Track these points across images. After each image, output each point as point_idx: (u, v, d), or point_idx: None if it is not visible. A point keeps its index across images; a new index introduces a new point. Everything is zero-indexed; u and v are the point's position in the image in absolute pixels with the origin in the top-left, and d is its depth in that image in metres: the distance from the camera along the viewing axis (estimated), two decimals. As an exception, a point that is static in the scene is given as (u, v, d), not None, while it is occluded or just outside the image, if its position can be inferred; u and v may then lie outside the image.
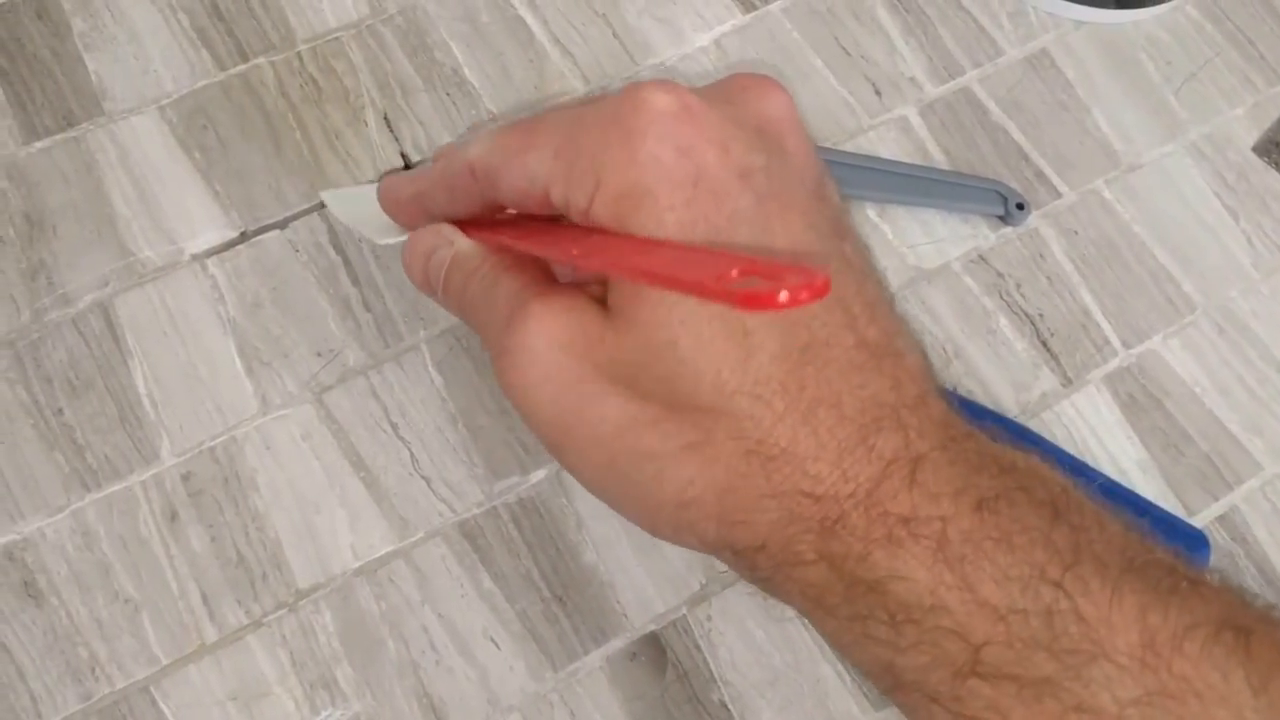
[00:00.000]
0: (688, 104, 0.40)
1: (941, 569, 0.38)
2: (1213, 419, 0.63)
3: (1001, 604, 0.37)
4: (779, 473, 0.39)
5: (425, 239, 0.49)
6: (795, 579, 0.41)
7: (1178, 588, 0.38)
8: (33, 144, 0.64)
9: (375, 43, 0.68)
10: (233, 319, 0.60)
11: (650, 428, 0.40)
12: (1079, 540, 0.38)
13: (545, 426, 0.44)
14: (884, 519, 0.38)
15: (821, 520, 0.39)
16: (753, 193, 0.40)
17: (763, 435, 0.39)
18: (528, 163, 0.42)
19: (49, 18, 0.67)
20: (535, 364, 0.42)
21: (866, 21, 0.72)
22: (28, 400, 0.58)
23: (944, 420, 0.41)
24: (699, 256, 0.38)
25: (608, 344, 0.41)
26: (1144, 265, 0.67)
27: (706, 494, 0.40)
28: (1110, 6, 0.72)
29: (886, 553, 0.38)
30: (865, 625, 0.39)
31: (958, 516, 0.38)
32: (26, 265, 0.61)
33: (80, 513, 0.56)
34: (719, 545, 0.42)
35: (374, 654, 0.55)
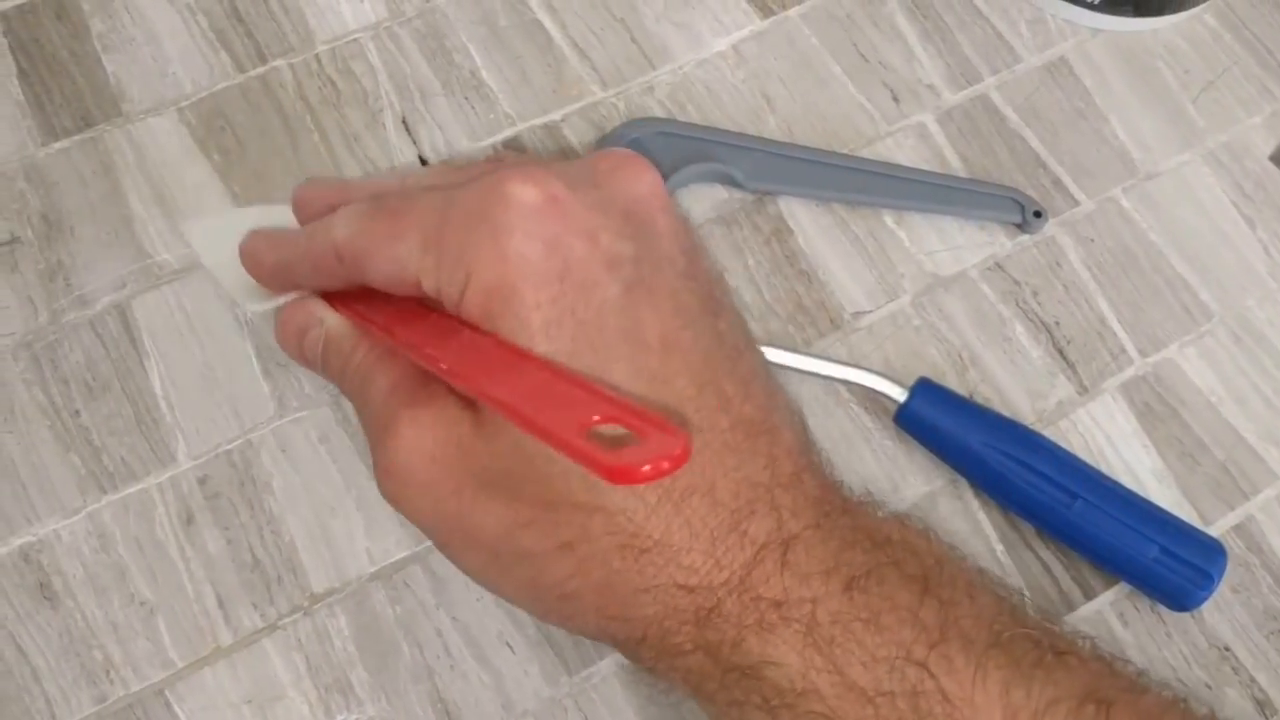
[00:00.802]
0: (554, 195, 0.40)
1: (812, 653, 0.38)
2: (1229, 428, 0.63)
3: (870, 686, 0.38)
4: (653, 565, 0.39)
5: (296, 315, 0.49)
6: (676, 668, 0.41)
7: (1043, 661, 0.39)
8: (51, 145, 0.64)
9: (394, 45, 0.68)
10: (250, 321, 0.60)
11: (525, 528, 0.41)
12: (947, 616, 0.39)
13: (428, 530, 0.45)
14: (756, 604, 0.39)
15: (696, 611, 0.39)
16: (621, 282, 0.40)
17: (635, 529, 0.39)
18: (396, 252, 0.42)
19: (68, 19, 0.67)
20: (409, 480, 0.43)
21: (885, 28, 0.72)
22: (45, 402, 0.58)
23: (819, 497, 0.41)
24: (561, 391, 0.38)
25: (479, 453, 0.41)
26: (1161, 274, 0.67)
27: (584, 590, 0.41)
28: (1128, 14, 0.72)
29: (759, 638, 0.39)
30: (742, 711, 0.40)
31: (827, 597, 0.39)
32: (44, 266, 0.61)
33: (96, 515, 0.56)
34: (601, 636, 0.43)
35: (389, 658, 0.55)
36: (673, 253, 0.43)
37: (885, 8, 0.72)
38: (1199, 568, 0.55)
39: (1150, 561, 0.55)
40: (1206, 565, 0.56)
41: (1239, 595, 0.59)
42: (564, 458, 0.37)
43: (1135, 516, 0.56)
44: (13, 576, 0.55)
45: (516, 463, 0.40)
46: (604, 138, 0.66)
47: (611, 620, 0.41)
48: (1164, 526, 0.56)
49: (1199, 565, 0.55)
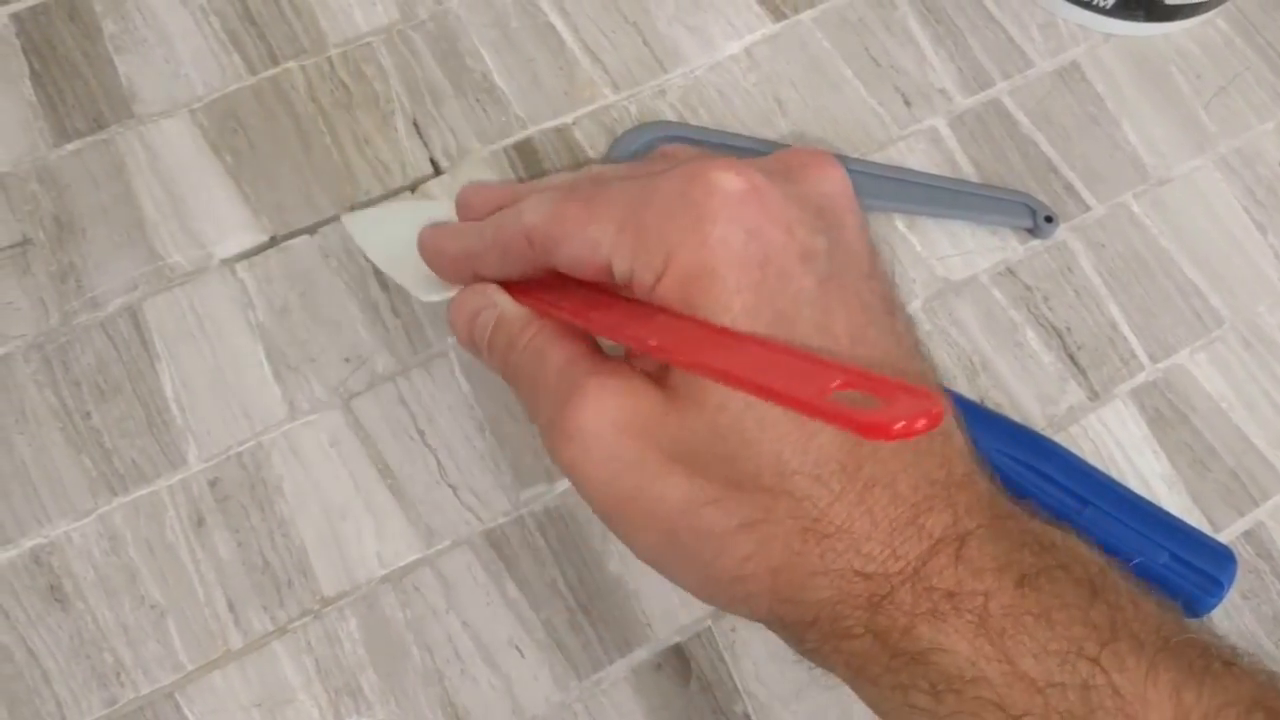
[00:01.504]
0: (755, 185, 0.41)
1: (983, 642, 0.38)
2: (1239, 434, 0.63)
3: (1040, 677, 0.38)
4: (832, 551, 0.40)
5: (471, 300, 0.49)
6: (842, 650, 0.41)
7: (1210, 668, 0.38)
8: (63, 146, 0.64)
9: (406, 48, 0.68)
10: (261, 324, 0.60)
11: (711, 506, 0.41)
12: (1116, 618, 0.39)
13: (602, 504, 0.44)
14: (929, 594, 0.39)
15: (870, 597, 0.40)
16: (814, 275, 0.41)
17: (819, 514, 0.40)
18: (589, 233, 0.43)
19: (80, 20, 0.67)
20: (593, 447, 0.42)
21: (897, 32, 0.72)
22: (56, 404, 0.58)
23: (989, 499, 0.42)
24: (790, 361, 0.38)
25: (669, 425, 0.41)
26: (1172, 279, 0.67)
27: (761, 571, 0.41)
28: (1141, 19, 0.72)
29: (931, 626, 0.39)
30: (906, 694, 0.40)
31: (1000, 592, 0.39)
32: (56, 268, 0.61)
33: (107, 517, 0.56)
34: (770, 619, 0.43)
35: (399, 662, 0.55)
36: (859, 251, 0.44)
37: (897, 12, 0.72)
38: (1209, 574, 0.56)
39: (1160, 568, 0.56)
40: (1216, 572, 0.56)
41: (1249, 601, 0.59)
42: (757, 440, 0.38)
43: (1145, 523, 0.56)
44: (23, 579, 0.55)
45: (707, 440, 0.40)
46: (615, 141, 0.66)
47: (784, 603, 0.41)
48: (1174, 533, 0.56)
49: (1209, 572, 0.56)
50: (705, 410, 0.40)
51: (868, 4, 0.72)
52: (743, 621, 0.56)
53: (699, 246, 0.40)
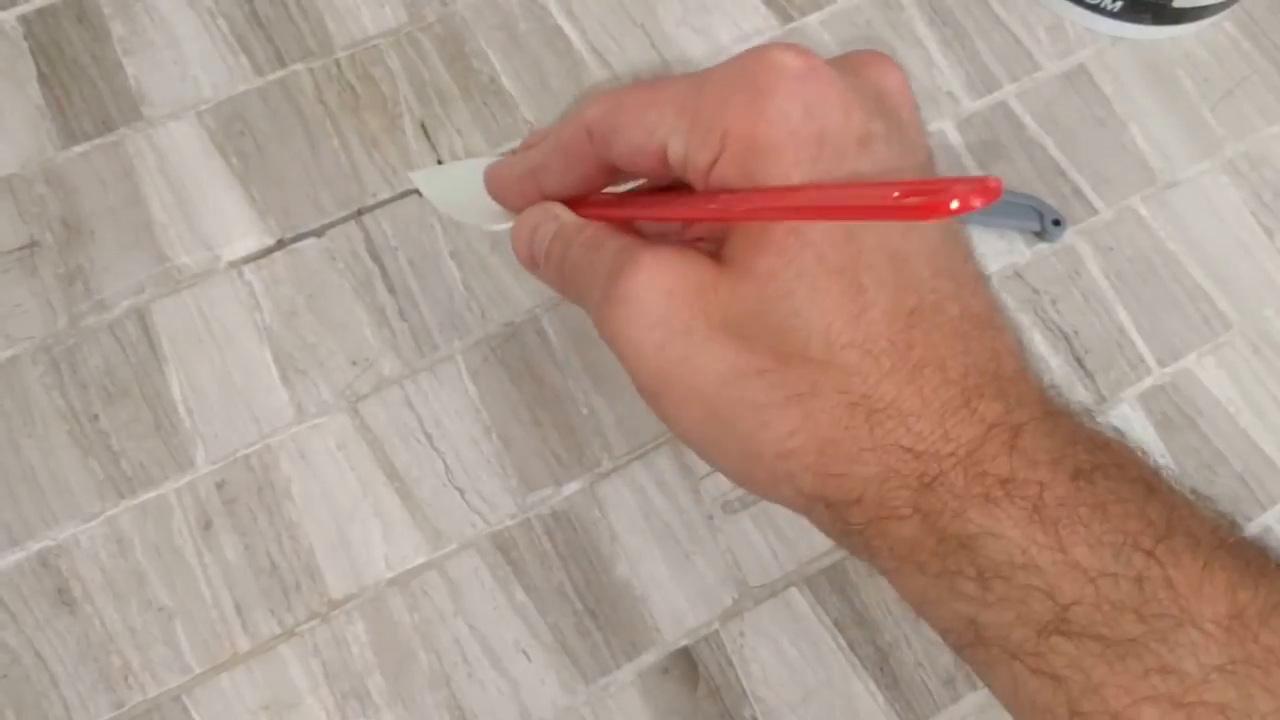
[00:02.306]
0: (814, 66, 0.41)
1: (1035, 529, 0.38)
2: (1246, 438, 0.63)
3: (1093, 567, 0.37)
4: (881, 427, 0.39)
5: (533, 215, 0.49)
6: (887, 534, 0.41)
7: (1267, 569, 0.38)
8: (71, 148, 0.64)
9: (413, 50, 0.68)
10: (268, 326, 0.60)
11: (757, 377, 0.41)
12: (1172, 516, 0.38)
13: (647, 374, 0.43)
14: (982, 479, 0.39)
15: (920, 476, 0.39)
16: (871, 158, 0.40)
17: (869, 390, 0.39)
18: (647, 117, 0.42)
19: (89, 22, 0.67)
20: (643, 311, 0.42)
21: (904, 34, 0.72)
22: (63, 406, 0.58)
23: (1041, 395, 0.41)
24: (851, 189, 0.38)
25: (721, 292, 0.41)
26: (1179, 283, 0.67)
27: (807, 445, 0.40)
28: (1148, 22, 0.72)
29: (982, 511, 0.38)
30: (952, 581, 0.39)
31: (1054, 483, 0.38)
32: (64, 270, 0.61)
33: (114, 520, 0.56)
34: (814, 497, 0.42)
35: (406, 665, 0.55)
36: (917, 142, 0.43)
37: (904, 14, 0.72)
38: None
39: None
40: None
41: (1256, 607, 0.59)
42: (807, 310, 0.38)
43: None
44: (31, 581, 0.55)
45: (759, 307, 0.40)
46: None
47: (828, 479, 0.41)
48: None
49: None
50: (756, 278, 0.40)
51: (875, 6, 0.72)
52: (751, 624, 0.57)
53: (756, 119, 0.40)
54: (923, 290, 0.40)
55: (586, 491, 0.59)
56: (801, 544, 0.59)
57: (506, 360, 0.61)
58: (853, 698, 0.56)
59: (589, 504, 0.59)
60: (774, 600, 0.58)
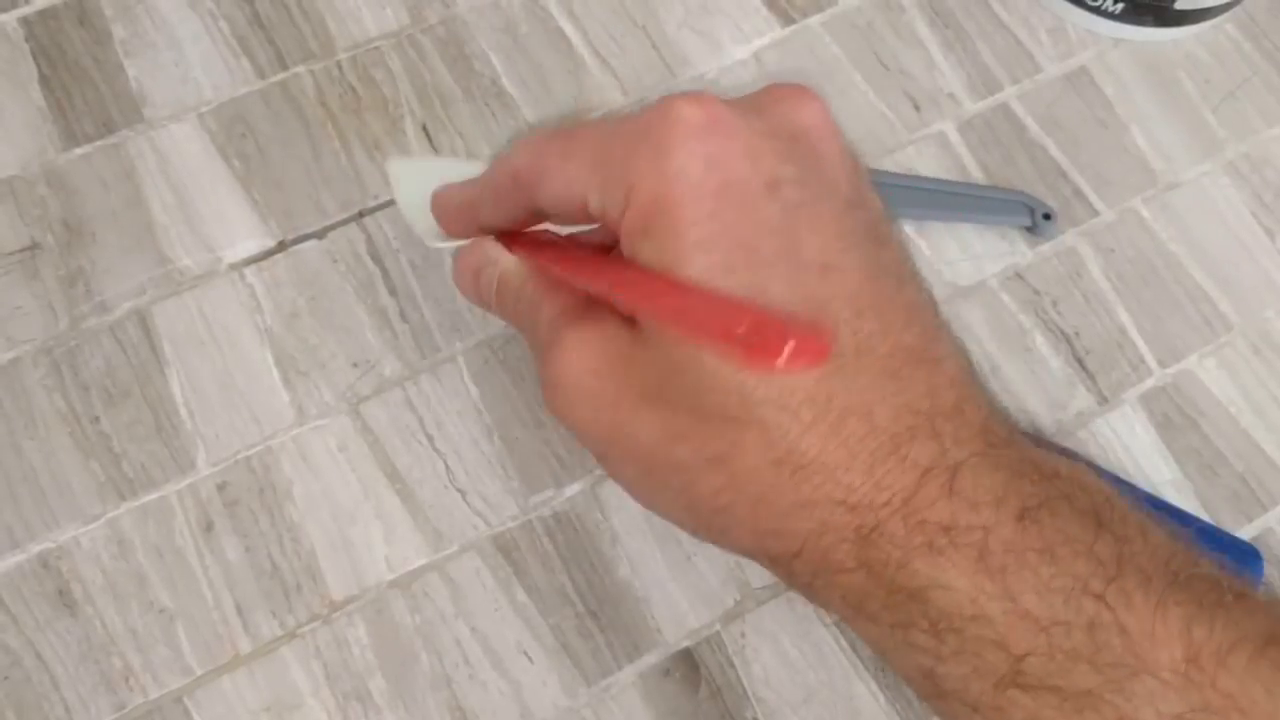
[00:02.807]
0: (717, 116, 0.41)
1: (983, 579, 0.38)
2: (1248, 439, 0.63)
3: (1044, 615, 0.37)
4: (809, 482, 0.39)
5: (472, 256, 0.50)
6: (835, 585, 0.41)
7: (1222, 601, 0.38)
8: (72, 150, 0.64)
9: (415, 52, 0.68)
10: (270, 328, 0.60)
11: (680, 440, 0.41)
12: (1122, 551, 0.38)
13: (589, 442, 0.45)
14: (923, 527, 0.38)
15: (857, 529, 0.39)
16: (780, 204, 0.40)
17: (790, 445, 0.39)
18: (567, 171, 0.43)
19: (90, 24, 0.67)
20: (572, 391, 0.43)
21: (906, 36, 0.72)
22: (64, 408, 0.58)
23: (983, 427, 0.41)
24: (718, 304, 0.38)
25: (637, 363, 0.42)
26: (1181, 284, 0.66)
27: (737, 503, 0.41)
28: (1149, 24, 0.72)
29: (927, 561, 0.38)
30: (907, 633, 0.39)
31: (999, 526, 0.38)
32: (65, 272, 0.61)
33: (115, 521, 0.56)
34: (754, 552, 0.43)
35: (407, 667, 0.55)
36: (838, 179, 0.43)
37: (906, 16, 0.72)
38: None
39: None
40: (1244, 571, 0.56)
41: (1259, 608, 0.59)
42: (717, 371, 0.38)
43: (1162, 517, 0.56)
44: (32, 583, 0.55)
45: (671, 374, 0.41)
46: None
47: (766, 535, 0.41)
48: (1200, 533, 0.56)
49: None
50: (667, 344, 0.40)
51: (876, 8, 0.72)
52: (753, 626, 0.57)
53: (657, 177, 0.40)
54: (842, 333, 0.40)
55: (588, 493, 0.59)
56: (803, 545, 0.59)
57: (508, 362, 0.61)
58: (854, 699, 0.56)
59: (591, 505, 0.59)
60: (776, 601, 0.57)
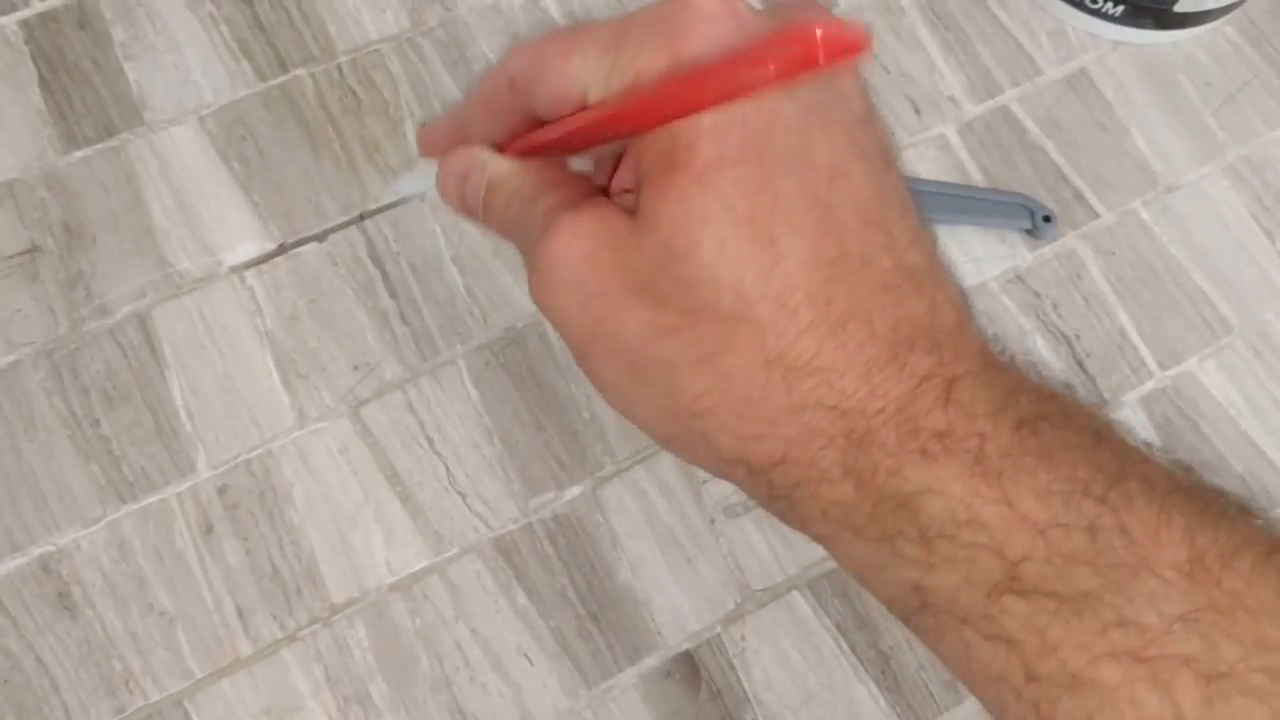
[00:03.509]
0: (735, 9, 0.39)
1: (978, 483, 0.36)
2: (1248, 441, 0.63)
3: (1042, 518, 0.35)
4: (801, 386, 0.38)
5: (456, 162, 0.48)
6: (818, 498, 0.39)
7: (1226, 512, 0.37)
8: (73, 153, 0.64)
9: (415, 55, 0.68)
10: (270, 331, 0.60)
11: (668, 335, 0.40)
12: (1124, 461, 0.36)
13: (571, 335, 0.43)
14: (916, 434, 0.37)
15: (847, 435, 0.38)
16: (795, 102, 0.39)
17: (785, 347, 0.38)
18: (569, 65, 0.41)
19: (90, 27, 0.67)
20: (561, 276, 0.42)
21: (906, 39, 0.72)
22: (65, 411, 0.58)
23: (980, 348, 0.39)
24: (732, 54, 0.37)
25: (632, 251, 0.40)
26: (1181, 287, 0.66)
27: (722, 405, 0.39)
28: (1149, 27, 0.72)
29: (919, 467, 0.37)
30: (893, 544, 0.38)
31: (996, 434, 0.36)
32: (65, 275, 0.61)
33: (116, 524, 0.56)
34: (733, 460, 0.41)
35: (408, 670, 0.55)
36: (852, 93, 0.42)
37: (906, 19, 0.72)
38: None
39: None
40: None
41: (1259, 611, 0.59)
42: (715, 263, 0.37)
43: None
44: (32, 586, 0.55)
45: (666, 262, 0.39)
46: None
47: (747, 441, 0.40)
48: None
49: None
50: (661, 231, 0.39)
51: (876, 11, 0.72)
52: (753, 628, 0.57)
53: (671, 60, 0.39)
54: (847, 240, 0.38)
55: (588, 495, 0.59)
56: (803, 547, 0.59)
57: (508, 364, 0.61)
58: (855, 701, 0.56)
59: (591, 508, 0.59)
60: (776, 604, 0.57)
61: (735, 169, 0.38)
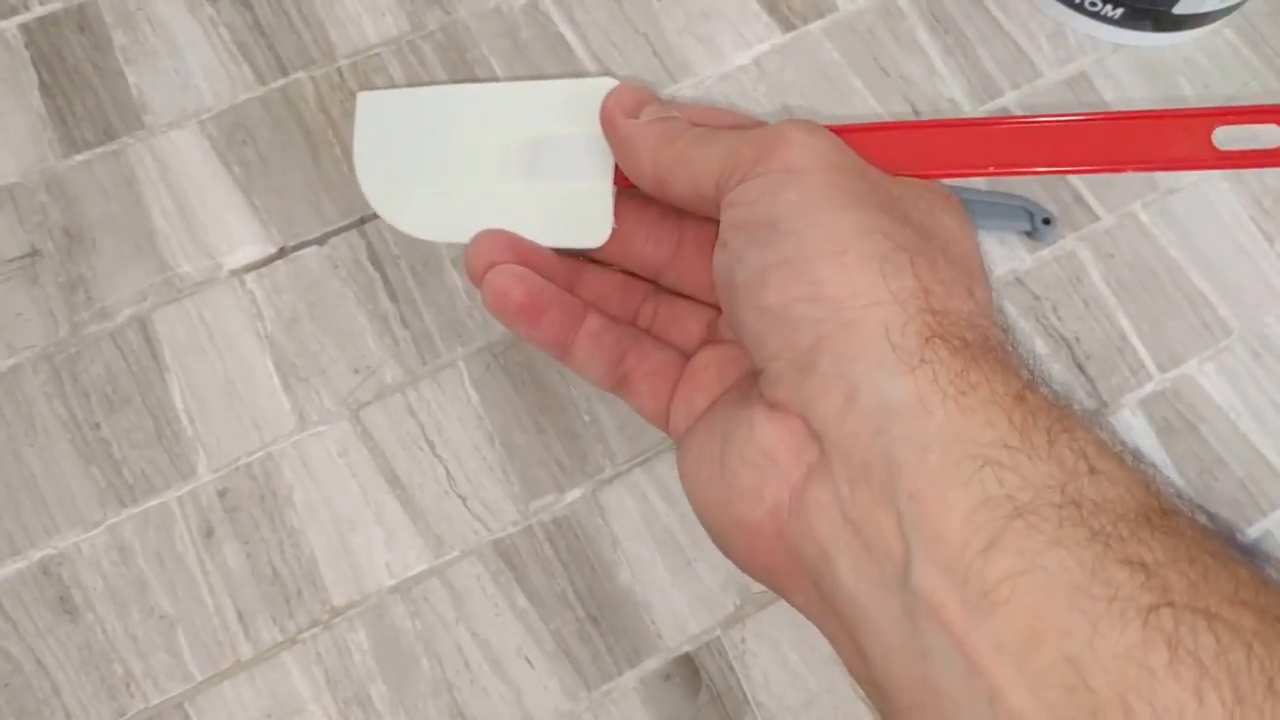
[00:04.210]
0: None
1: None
2: (1247, 444, 0.63)
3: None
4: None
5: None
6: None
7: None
8: (73, 157, 0.64)
9: (415, 58, 0.68)
10: (270, 335, 0.60)
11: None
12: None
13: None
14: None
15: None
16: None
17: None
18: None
19: (90, 30, 0.67)
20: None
21: (906, 42, 0.72)
22: (65, 415, 0.58)
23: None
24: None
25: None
26: (1180, 289, 0.66)
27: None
28: (1148, 29, 0.72)
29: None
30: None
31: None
32: (65, 279, 0.61)
33: (116, 528, 0.57)
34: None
35: (408, 673, 0.55)
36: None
37: (906, 22, 0.72)
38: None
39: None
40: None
41: (1258, 612, 0.59)
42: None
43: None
44: (32, 590, 0.55)
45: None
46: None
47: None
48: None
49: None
50: None
51: (876, 14, 0.72)
52: (753, 631, 0.57)
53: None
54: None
55: (589, 498, 0.59)
56: (803, 550, 0.59)
57: (509, 367, 0.61)
58: (855, 703, 0.56)
59: (591, 511, 0.59)
60: (776, 606, 0.57)
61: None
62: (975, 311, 0.42)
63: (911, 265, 0.42)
